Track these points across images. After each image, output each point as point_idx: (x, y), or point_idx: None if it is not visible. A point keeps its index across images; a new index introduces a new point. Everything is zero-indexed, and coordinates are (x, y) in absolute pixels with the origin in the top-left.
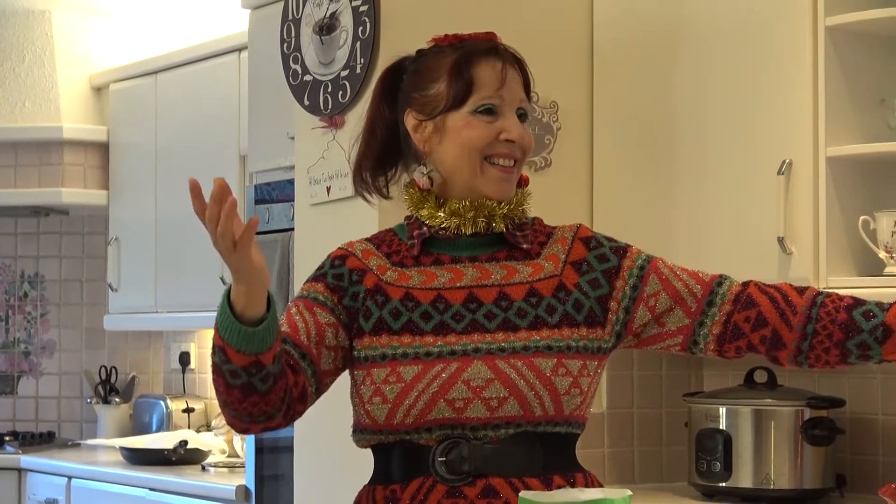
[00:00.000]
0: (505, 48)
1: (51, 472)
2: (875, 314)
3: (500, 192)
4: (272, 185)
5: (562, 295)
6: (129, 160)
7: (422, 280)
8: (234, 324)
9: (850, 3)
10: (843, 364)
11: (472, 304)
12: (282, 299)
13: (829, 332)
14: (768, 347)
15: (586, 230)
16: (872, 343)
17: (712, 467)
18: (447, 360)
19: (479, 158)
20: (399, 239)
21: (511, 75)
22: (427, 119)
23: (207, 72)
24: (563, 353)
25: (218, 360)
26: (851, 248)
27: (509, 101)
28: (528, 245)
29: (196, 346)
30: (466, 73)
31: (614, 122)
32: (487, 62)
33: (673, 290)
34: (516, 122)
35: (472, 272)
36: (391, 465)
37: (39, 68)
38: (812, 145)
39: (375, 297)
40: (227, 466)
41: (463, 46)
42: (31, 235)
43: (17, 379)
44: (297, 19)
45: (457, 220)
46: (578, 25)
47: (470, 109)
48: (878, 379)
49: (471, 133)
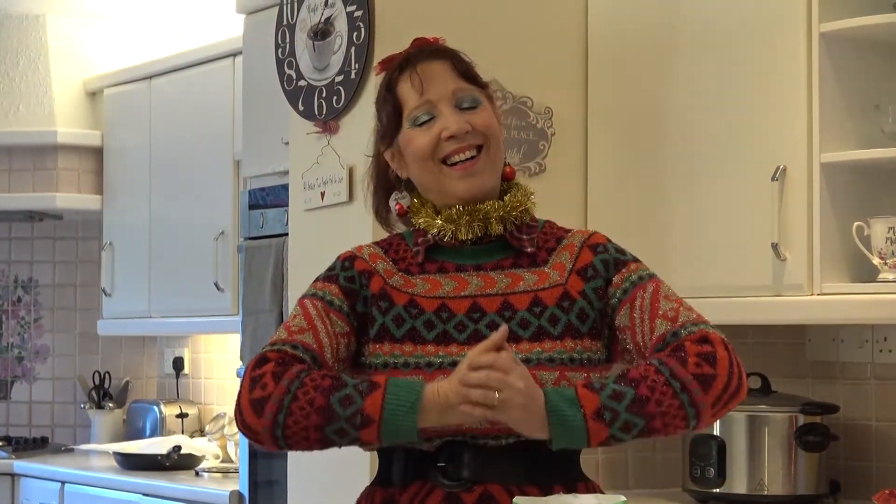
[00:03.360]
0: (420, 49)
1: (44, 477)
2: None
3: (468, 187)
4: (266, 191)
5: (566, 304)
6: (124, 165)
7: (426, 288)
8: (411, 428)
9: (844, 9)
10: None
11: (476, 313)
12: (276, 306)
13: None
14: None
15: (599, 237)
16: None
17: (706, 473)
18: (448, 372)
19: (434, 165)
20: (406, 245)
21: (431, 72)
22: (389, 146)
23: (202, 77)
24: (565, 365)
25: (354, 440)
26: (845, 254)
27: (438, 98)
28: (532, 248)
29: (189, 352)
30: (391, 97)
31: (609, 127)
32: (402, 77)
33: (633, 336)
34: (451, 114)
35: (476, 281)
36: (392, 468)
37: (34, 73)
38: (806, 151)
39: (379, 303)
40: (220, 472)
41: (389, 67)
42: (24, 240)
43: (11, 384)
44: (292, 24)
45: (452, 226)
46: (573, 32)
47: (408, 126)
48: (871, 385)
49: (414, 146)
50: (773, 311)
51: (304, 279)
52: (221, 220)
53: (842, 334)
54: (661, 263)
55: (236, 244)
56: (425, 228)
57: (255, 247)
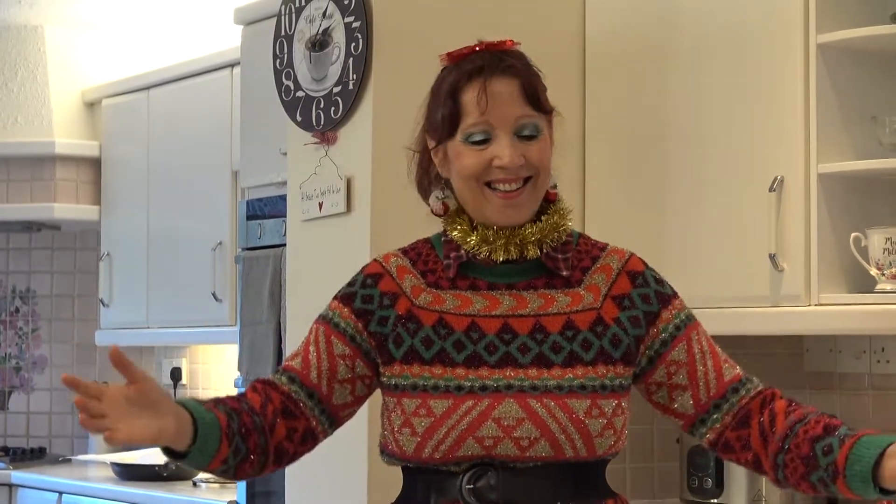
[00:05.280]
0: (494, 58)
1: (42, 487)
2: (832, 449)
3: (506, 218)
4: (264, 201)
5: (599, 329)
6: (122, 176)
7: (456, 305)
8: (186, 460)
9: (841, 20)
10: (819, 493)
11: (507, 334)
12: (273, 316)
13: (795, 465)
14: (754, 468)
15: (637, 263)
16: (829, 482)
17: (704, 484)
18: (478, 397)
19: (478, 186)
20: (436, 255)
21: (499, 92)
22: (437, 145)
23: (200, 87)
24: (597, 392)
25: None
26: (843, 265)
27: (499, 121)
28: (567, 272)
29: (187, 362)
30: (454, 101)
31: (606, 136)
32: (471, 85)
33: (693, 373)
34: (508, 144)
35: (508, 300)
36: (417, 488)
37: (32, 83)
38: (803, 162)
39: (407, 325)
40: (218, 482)
41: (458, 67)
42: (22, 251)
43: (8, 394)
44: (290, 35)
45: (487, 248)
46: (571, 39)
47: (461, 139)
48: (869, 396)
49: (463, 163)
50: (771, 321)
51: (302, 290)
52: (219, 231)
53: (839, 345)
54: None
55: (234, 255)
56: (458, 243)
57: (252, 257)
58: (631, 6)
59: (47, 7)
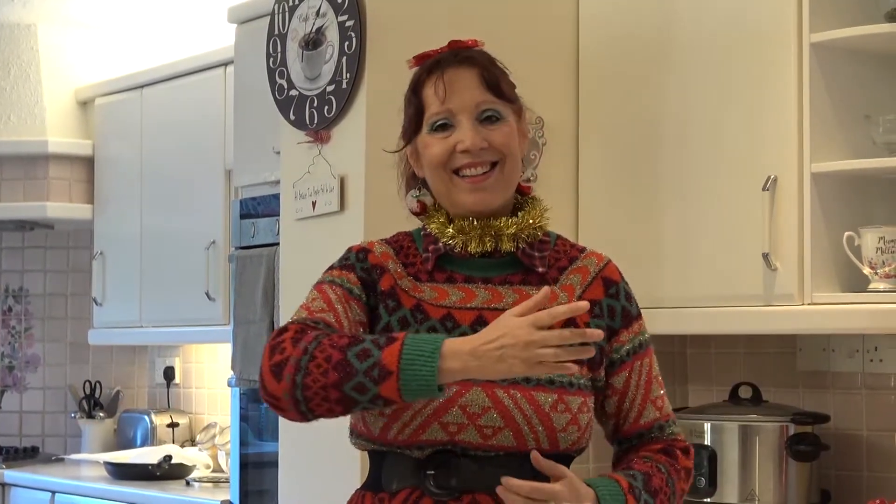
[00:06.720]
0: (452, 53)
1: (35, 486)
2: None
3: (476, 202)
4: (257, 200)
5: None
6: (115, 174)
7: (433, 296)
8: (430, 378)
9: (835, 19)
10: None
11: (480, 326)
12: (266, 315)
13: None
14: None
15: (614, 271)
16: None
17: (697, 483)
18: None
19: (446, 174)
20: (416, 248)
21: (457, 80)
22: (408, 144)
23: (193, 86)
24: (564, 388)
25: (375, 397)
26: (836, 265)
27: (460, 108)
28: (543, 269)
29: (181, 361)
30: (416, 96)
31: (600, 138)
32: (429, 80)
33: (620, 404)
34: (469, 128)
35: (483, 294)
36: (382, 473)
37: (25, 82)
38: (797, 161)
39: (387, 301)
40: (211, 481)
41: (421, 66)
42: (15, 249)
43: (1, 393)
44: (283, 34)
45: (463, 238)
46: (564, 41)
47: (426, 131)
48: (862, 395)
49: (429, 152)
50: (764, 320)
51: (296, 289)
52: (212, 230)
53: (833, 344)
54: (652, 273)
55: (227, 254)
56: (436, 236)
57: (246, 256)
58: (624, 7)
59: (40, 6)
